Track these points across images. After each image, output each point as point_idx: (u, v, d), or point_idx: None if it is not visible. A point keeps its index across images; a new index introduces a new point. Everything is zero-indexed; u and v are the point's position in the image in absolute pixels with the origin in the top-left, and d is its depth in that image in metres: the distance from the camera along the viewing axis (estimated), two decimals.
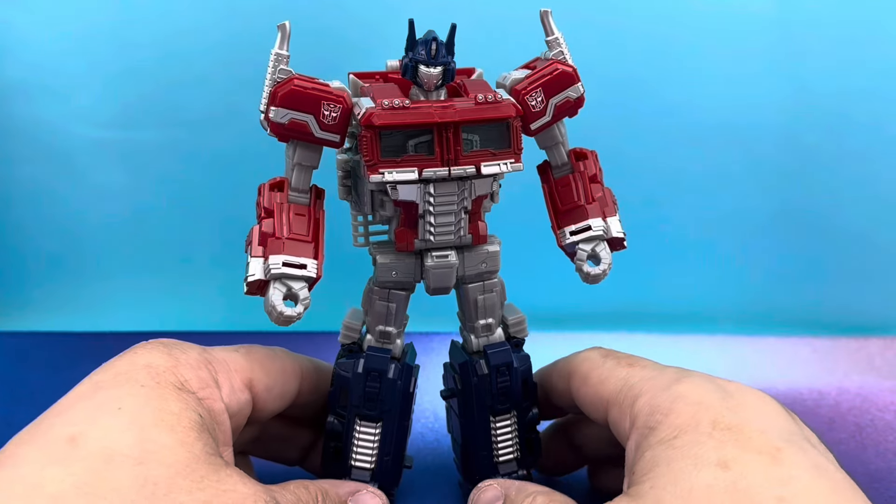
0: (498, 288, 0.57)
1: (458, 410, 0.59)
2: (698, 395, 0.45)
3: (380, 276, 0.54)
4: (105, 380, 0.44)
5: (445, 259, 0.53)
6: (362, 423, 0.55)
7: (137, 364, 0.45)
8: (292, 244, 0.49)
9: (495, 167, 0.50)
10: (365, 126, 0.48)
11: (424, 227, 0.51)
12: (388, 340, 0.55)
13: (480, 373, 0.56)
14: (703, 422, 0.42)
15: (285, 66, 0.49)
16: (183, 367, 0.46)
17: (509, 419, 0.58)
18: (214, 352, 0.51)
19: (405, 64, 0.49)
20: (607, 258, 0.54)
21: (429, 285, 0.54)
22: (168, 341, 0.49)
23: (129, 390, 0.43)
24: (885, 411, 0.80)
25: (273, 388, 0.53)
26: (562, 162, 0.56)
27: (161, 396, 0.43)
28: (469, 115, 0.49)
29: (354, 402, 0.55)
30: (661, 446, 0.42)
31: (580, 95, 0.53)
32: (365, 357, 0.55)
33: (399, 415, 0.56)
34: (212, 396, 0.47)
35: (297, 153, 0.51)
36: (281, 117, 0.49)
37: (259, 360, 0.53)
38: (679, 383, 0.46)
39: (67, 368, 0.47)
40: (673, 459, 0.41)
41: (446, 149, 0.49)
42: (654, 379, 0.48)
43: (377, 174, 0.48)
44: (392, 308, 0.55)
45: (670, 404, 0.44)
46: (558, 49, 0.53)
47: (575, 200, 0.55)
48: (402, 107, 0.48)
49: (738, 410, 0.43)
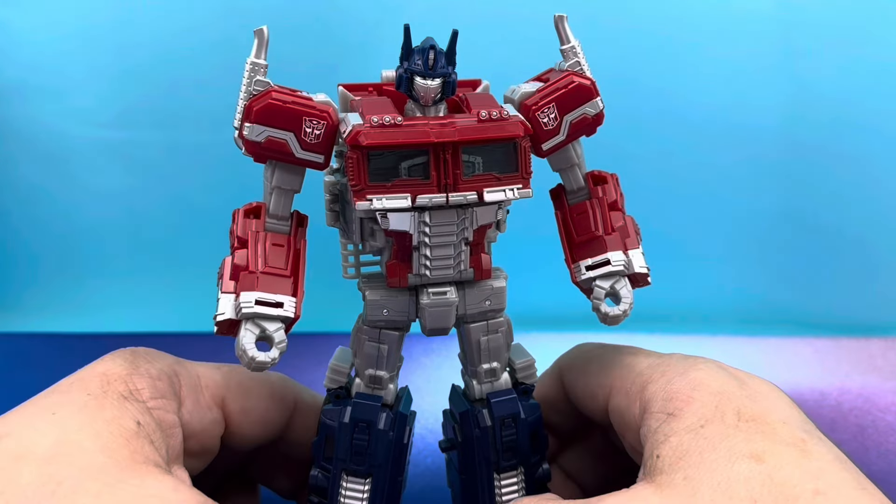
0: (504, 328, 0.50)
1: (458, 465, 0.52)
2: (718, 383, 0.44)
3: (370, 314, 0.48)
4: (64, 384, 0.45)
5: (444, 296, 0.47)
6: (349, 478, 0.49)
7: (95, 371, 0.45)
8: (267, 279, 0.44)
9: (500, 193, 0.44)
10: (351, 146, 0.42)
11: (419, 260, 0.45)
12: (379, 386, 0.49)
13: (483, 424, 0.50)
14: (728, 412, 0.42)
15: (262, 77, 0.44)
16: (139, 376, 0.45)
17: (516, 476, 0.52)
18: (191, 366, 0.50)
19: (399, 75, 0.44)
20: (628, 297, 0.49)
21: (424, 325, 0.48)
22: (140, 350, 0.48)
23: (73, 397, 0.43)
24: (887, 412, 0.80)
25: (251, 412, 0.50)
26: (577, 186, 0.50)
27: (99, 405, 0.43)
28: (470, 135, 0.43)
29: (340, 454, 0.49)
30: (688, 434, 0.42)
31: (599, 112, 0.47)
32: (352, 405, 0.48)
33: (391, 469, 0.49)
34: (163, 408, 0.45)
35: (275, 175, 0.45)
36: (256, 135, 0.43)
37: (239, 381, 0.50)
38: (694, 369, 0.46)
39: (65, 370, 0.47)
40: (705, 450, 0.41)
41: (444, 173, 0.43)
42: (663, 364, 0.47)
43: (364, 201, 0.43)
44: (384, 350, 0.48)
45: (690, 392, 0.44)
46: (575, 59, 0.47)
47: (592, 231, 0.49)
48: (393, 124, 0.43)
49: (756, 399, 0.44)
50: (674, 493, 0.40)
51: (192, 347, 0.86)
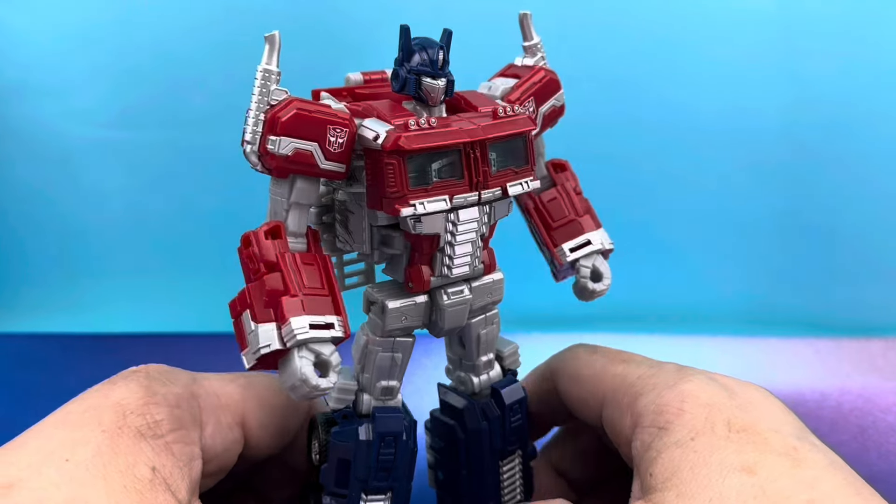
0: (497, 319, 0.52)
1: (463, 459, 0.52)
2: (707, 395, 0.44)
3: (389, 323, 0.46)
4: (74, 413, 0.43)
5: (461, 295, 0.47)
6: (369, 497, 0.47)
7: (109, 399, 0.43)
8: (312, 301, 0.41)
9: (519, 187, 0.45)
10: (390, 151, 0.41)
11: (443, 260, 0.45)
12: (391, 396, 0.48)
13: (492, 415, 0.51)
14: (718, 423, 0.42)
15: (278, 86, 0.41)
16: (157, 406, 0.44)
17: (515, 459, 0.54)
18: (207, 383, 0.48)
19: (403, 77, 0.43)
20: (607, 272, 0.52)
21: (441, 327, 0.47)
22: (154, 371, 0.46)
23: (86, 434, 0.41)
24: (888, 413, 0.80)
25: (269, 426, 0.49)
26: (541, 175, 0.52)
27: (112, 449, 0.41)
28: (497, 132, 0.43)
29: (361, 475, 0.46)
30: (678, 449, 0.42)
31: (562, 104, 0.50)
32: (376, 420, 0.47)
33: (407, 480, 0.49)
34: (183, 440, 0.44)
35: (294, 190, 0.43)
36: (283, 148, 0.41)
37: (257, 394, 0.49)
38: (684, 381, 0.45)
39: (65, 370, 0.47)
40: (696, 465, 0.40)
41: (475, 171, 0.43)
42: (654, 377, 0.47)
43: (408, 206, 0.41)
44: (398, 359, 0.47)
45: (680, 404, 0.44)
46: (539, 55, 0.50)
47: (567, 215, 0.52)
48: (429, 127, 0.42)
49: (747, 409, 0.43)
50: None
51: (193, 347, 0.86)
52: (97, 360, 0.47)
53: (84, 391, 0.46)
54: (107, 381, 0.46)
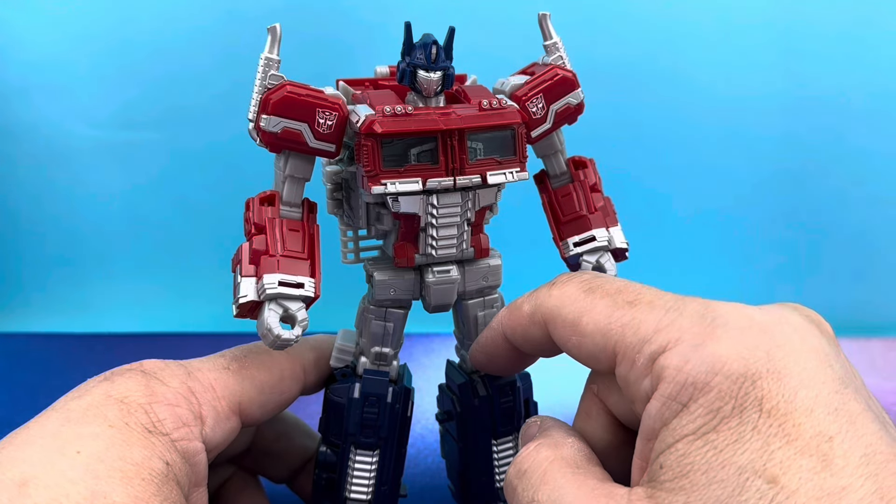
0: (498, 303, 0.54)
1: (457, 434, 0.56)
2: (741, 362, 0.38)
3: (377, 294, 0.51)
4: (75, 410, 0.43)
5: (447, 274, 0.51)
6: (358, 451, 0.52)
7: (112, 397, 0.44)
8: (287, 262, 0.46)
9: (501, 176, 0.48)
10: (365, 134, 0.46)
11: (426, 240, 0.49)
12: (384, 362, 0.53)
13: (482, 394, 0.54)
14: (749, 406, 0.37)
15: (276, 72, 0.46)
16: (159, 405, 0.44)
17: (511, 441, 0.56)
18: (201, 373, 0.48)
19: (402, 69, 0.47)
20: (612, 269, 0.53)
21: (429, 302, 0.52)
22: (150, 367, 0.47)
23: (95, 429, 0.41)
24: (888, 413, 0.79)
25: (267, 404, 0.51)
26: (560, 171, 0.54)
27: (125, 442, 0.41)
28: (475, 122, 0.47)
29: (351, 429, 0.52)
30: (696, 441, 0.37)
31: (580, 102, 0.51)
32: (362, 381, 0.52)
33: (397, 441, 0.53)
34: (187, 437, 0.45)
35: (288, 165, 0.48)
36: (273, 126, 0.46)
37: (250, 375, 0.50)
38: (713, 339, 0.39)
39: (65, 370, 0.46)
40: (712, 467, 0.36)
41: (451, 157, 0.47)
42: (674, 325, 0.40)
43: (379, 185, 0.46)
44: (389, 328, 0.52)
45: (706, 377, 0.37)
46: (557, 54, 0.52)
47: (577, 210, 0.54)
48: (404, 113, 0.46)
49: (783, 377, 0.37)
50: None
51: (193, 347, 0.86)
52: (97, 360, 0.47)
53: (76, 388, 0.45)
54: (101, 378, 0.46)
